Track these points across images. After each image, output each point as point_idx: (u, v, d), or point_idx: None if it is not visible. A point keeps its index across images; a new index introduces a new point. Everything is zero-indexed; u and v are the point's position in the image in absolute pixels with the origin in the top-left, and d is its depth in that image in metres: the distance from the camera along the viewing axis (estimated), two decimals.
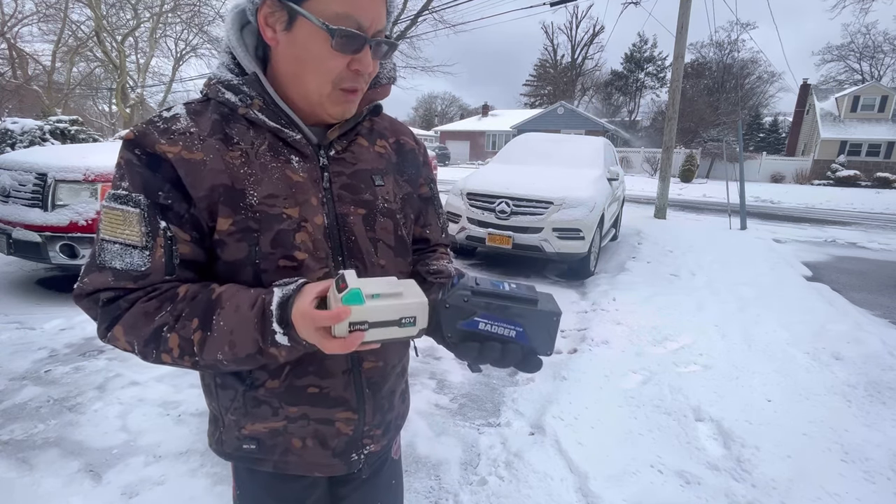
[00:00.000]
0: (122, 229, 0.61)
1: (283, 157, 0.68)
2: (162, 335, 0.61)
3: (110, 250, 0.61)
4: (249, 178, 0.65)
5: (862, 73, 37.67)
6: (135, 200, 0.61)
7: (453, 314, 0.61)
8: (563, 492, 1.82)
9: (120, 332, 0.62)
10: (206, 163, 0.63)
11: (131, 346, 0.63)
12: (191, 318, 0.61)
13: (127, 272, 0.61)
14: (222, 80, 0.68)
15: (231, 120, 0.67)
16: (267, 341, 0.60)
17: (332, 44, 0.63)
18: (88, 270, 0.63)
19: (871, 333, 3.47)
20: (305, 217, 0.67)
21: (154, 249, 0.62)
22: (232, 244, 0.65)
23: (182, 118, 0.65)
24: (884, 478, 1.97)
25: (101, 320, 0.63)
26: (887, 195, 18.41)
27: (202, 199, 0.63)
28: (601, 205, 4.86)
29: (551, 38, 47.42)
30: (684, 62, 9.45)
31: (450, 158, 31.86)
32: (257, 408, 0.73)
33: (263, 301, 0.61)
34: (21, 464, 1.89)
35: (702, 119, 28.22)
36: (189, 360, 0.62)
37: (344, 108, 0.70)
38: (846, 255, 6.99)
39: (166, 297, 0.63)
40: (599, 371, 2.80)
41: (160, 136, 0.63)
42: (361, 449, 0.80)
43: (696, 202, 14.25)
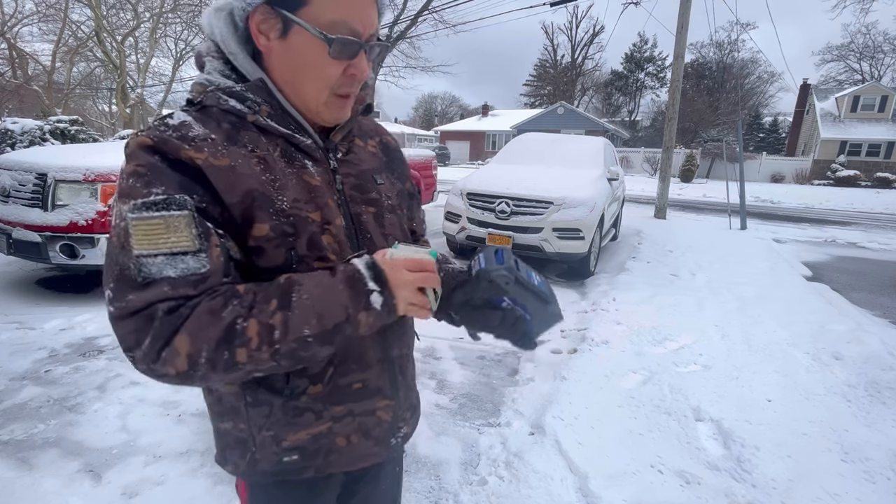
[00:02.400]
0: (166, 238, 0.56)
1: (299, 163, 0.68)
2: (236, 327, 0.57)
3: (153, 263, 0.55)
4: (274, 184, 0.64)
5: (862, 73, 37.67)
6: (179, 202, 0.57)
7: (489, 288, 0.69)
8: (563, 492, 1.82)
9: (184, 342, 0.55)
10: (235, 168, 0.62)
11: (196, 357, 0.56)
12: (267, 302, 0.59)
13: (185, 279, 0.56)
14: (223, 87, 0.66)
15: (240, 128, 0.65)
16: (359, 305, 0.62)
17: (329, 52, 0.63)
18: (123, 291, 0.56)
19: (871, 333, 3.47)
20: (328, 219, 0.68)
21: (210, 250, 0.58)
22: (270, 250, 0.64)
23: (194, 125, 0.62)
24: (884, 478, 1.97)
25: (156, 337, 0.55)
26: (887, 195, 18.42)
27: (236, 206, 0.61)
28: (601, 205, 4.86)
29: (551, 38, 47.42)
30: (684, 62, 9.45)
31: (450, 158, 31.85)
32: (299, 416, 0.71)
33: (346, 269, 0.63)
34: (21, 464, 1.89)
35: (702, 119, 28.26)
36: (268, 349, 0.58)
37: (340, 112, 0.71)
38: (846, 255, 6.99)
39: (230, 294, 0.59)
40: (599, 371, 2.80)
41: (182, 141, 0.60)
42: (398, 433, 0.84)
43: (696, 202, 14.25)
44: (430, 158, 7.74)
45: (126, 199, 0.57)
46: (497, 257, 0.69)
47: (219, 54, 0.68)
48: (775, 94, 41.55)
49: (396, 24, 14.09)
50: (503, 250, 0.70)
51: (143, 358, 0.56)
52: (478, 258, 0.70)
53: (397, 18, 14.11)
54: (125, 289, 0.56)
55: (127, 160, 0.60)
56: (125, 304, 0.56)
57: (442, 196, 7.29)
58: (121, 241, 0.56)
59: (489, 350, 3.18)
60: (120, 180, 0.60)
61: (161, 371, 0.57)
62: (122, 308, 0.56)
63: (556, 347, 3.25)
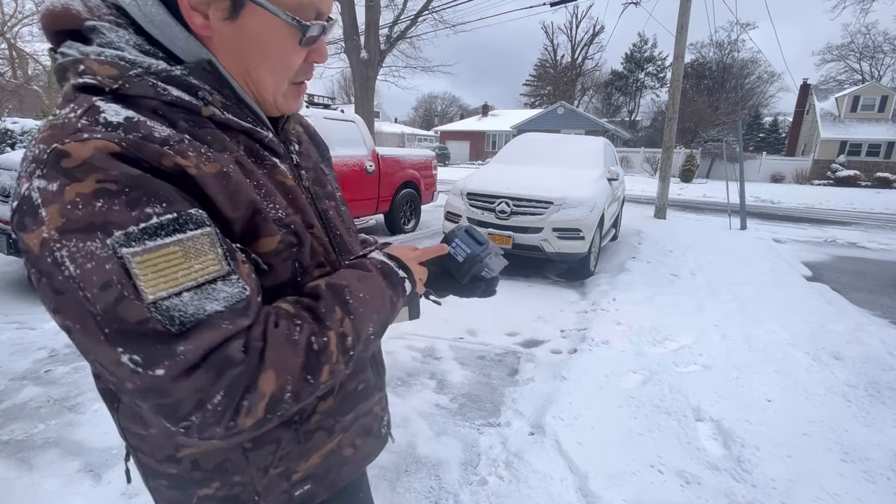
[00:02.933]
0: (186, 267, 0.44)
1: (268, 162, 0.59)
2: (314, 347, 0.51)
3: (183, 304, 0.43)
4: (260, 190, 0.55)
5: (862, 73, 37.68)
6: (196, 219, 0.45)
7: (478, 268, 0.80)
8: (563, 492, 1.82)
9: (269, 381, 0.47)
10: (229, 176, 0.50)
11: (281, 394, 0.48)
12: (332, 311, 0.54)
13: (235, 309, 0.46)
14: (154, 70, 0.49)
15: (197, 125, 0.52)
16: (399, 293, 0.64)
17: (301, 40, 0.55)
18: (158, 349, 0.42)
19: (871, 333, 3.47)
20: (310, 222, 0.62)
21: (239, 269, 0.48)
22: (279, 265, 0.56)
23: (150, 122, 0.47)
24: (884, 478, 1.97)
25: (235, 384, 0.45)
26: (887, 195, 18.42)
27: (238, 221, 0.51)
28: (601, 205, 4.86)
29: (551, 38, 47.49)
30: (684, 62, 9.45)
31: (450, 158, 31.89)
32: (310, 439, 0.64)
33: (373, 261, 0.65)
34: (21, 464, 1.89)
35: (702, 119, 28.27)
36: (343, 358, 0.55)
37: (297, 102, 0.63)
38: (846, 255, 6.99)
39: (287, 314, 0.52)
40: (599, 371, 2.80)
41: (158, 144, 0.46)
42: (383, 421, 0.82)
43: (696, 202, 14.25)
44: (429, 158, 7.74)
45: (101, 231, 0.41)
46: (473, 238, 0.79)
47: (124, 19, 0.51)
48: (775, 94, 41.62)
49: (396, 24, 14.09)
50: (470, 229, 0.81)
51: (216, 418, 0.45)
52: (456, 243, 0.79)
53: (397, 18, 14.10)
54: (158, 345, 0.42)
55: (68, 177, 0.41)
56: (175, 361, 0.42)
57: (442, 196, 7.29)
58: (114, 291, 0.41)
59: (489, 350, 3.18)
60: (63, 207, 0.41)
61: (239, 427, 0.46)
62: (173, 367, 0.42)
63: (556, 347, 3.25)
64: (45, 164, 0.42)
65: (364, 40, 12.37)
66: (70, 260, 0.41)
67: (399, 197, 6.88)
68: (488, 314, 3.68)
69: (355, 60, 12.29)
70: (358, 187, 6.00)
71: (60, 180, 0.41)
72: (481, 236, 0.80)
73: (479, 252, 0.78)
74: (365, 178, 6.10)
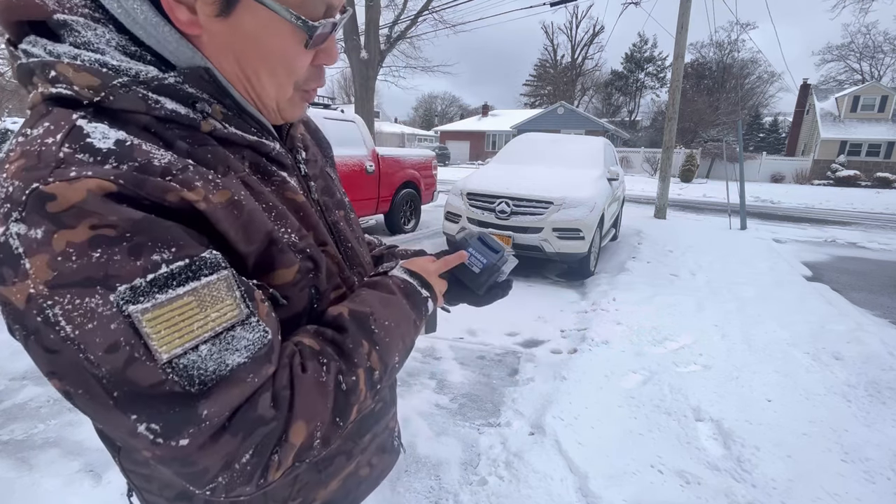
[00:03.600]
0: (203, 318, 0.39)
1: (277, 178, 0.53)
2: (343, 387, 0.48)
3: (201, 360, 0.39)
4: (271, 214, 0.49)
5: (862, 73, 37.70)
6: (210, 263, 0.40)
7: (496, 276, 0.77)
8: (563, 492, 1.82)
9: (300, 431, 0.44)
10: (241, 204, 0.44)
11: (310, 442, 0.45)
12: (359, 345, 0.51)
13: (257, 358, 0.42)
14: (143, 79, 0.42)
15: (197, 143, 0.45)
16: (422, 314, 0.61)
17: (307, 43, 0.47)
18: (178, 414, 0.37)
19: (871, 333, 3.47)
20: (323, 240, 0.57)
21: (259, 309, 0.44)
22: (295, 296, 0.51)
23: (145, 146, 0.40)
24: (884, 478, 1.97)
25: (266, 442, 0.42)
26: (887, 195, 18.41)
27: (252, 254, 0.46)
28: (601, 205, 4.86)
29: (551, 38, 47.51)
30: (684, 62, 9.45)
31: (450, 158, 31.90)
32: (329, 466, 0.61)
33: (395, 281, 0.61)
34: (21, 464, 1.89)
35: (702, 119, 28.27)
36: (371, 394, 0.52)
37: (301, 110, 0.56)
38: (846, 255, 6.99)
39: (311, 353, 0.48)
40: (599, 371, 2.80)
41: (159, 176, 0.39)
42: (394, 434, 0.79)
43: (696, 202, 14.25)
44: (430, 158, 7.74)
45: (102, 286, 0.35)
46: (488, 246, 0.75)
47: (101, 13, 0.43)
48: (775, 94, 41.64)
49: (396, 24, 14.09)
50: (483, 236, 0.77)
51: (246, 478, 0.41)
52: (471, 253, 0.74)
53: (397, 18, 14.11)
54: (179, 410, 0.37)
55: (56, 223, 0.35)
56: (199, 428, 0.38)
57: (442, 196, 7.29)
58: (122, 354, 0.36)
59: (489, 350, 3.18)
60: (52, 258, 0.34)
61: (269, 482, 0.44)
62: (198, 435, 0.38)
63: (556, 347, 3.25)
64: (24, 206, 0.35)
65: (364, 40, 12.37)
66: (66, 320, 0.35)
67: (399, 197, 6.88)
68: (488, 314, 3.67)
69: (355, 60, 12.29)
70: (358, 187, 6.00)
71: (46, 226, 0.34)
72: (495, 242, 0.76)
73: (495, 261, 0.74)
74: (365, 178, 6.11)
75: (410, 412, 2.38)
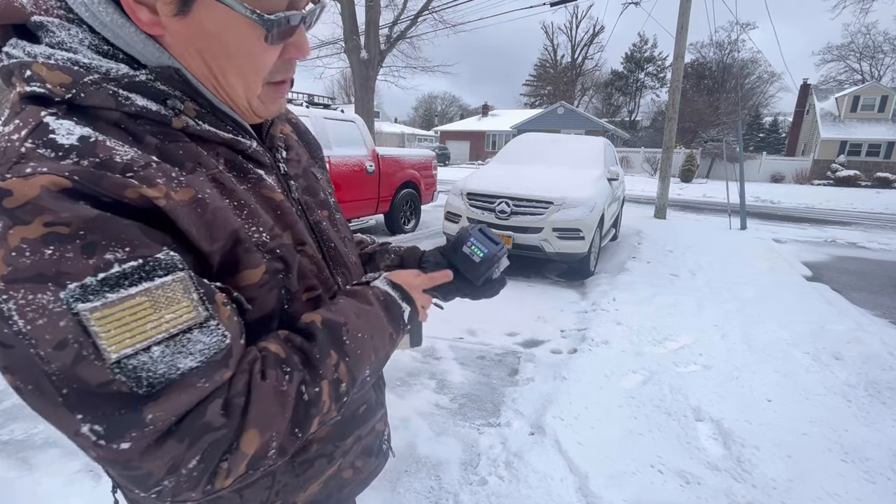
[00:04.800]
0: (156, 318, 0.39)
1: (253, 175, 0.53)
2: (304, 398, 0.47)
3: (153, 361, 0.38)
4: (242, 212, 0.49)
5: (862, 73, 37.71)
6: (165, 264, 0.39)
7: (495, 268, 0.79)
8: (563, 492, 1.82)
9: (253, 440, 0.43)
10: (205, 202, 0.44)
11: (265, 451, 0.44)
12: (327, 355, 0.50)
13: (212, 362, 0.41)
14: (113, 76, 0.42)
15: (168, 139, 0.46)
16: (399, 328, 0.60)
17: (266, 38, 0.47)
18: (123, 416, 0.37)
19: (871, 333, 3.47)
20: (301, 240, 0.56)
21: (219, 312, 0.43)
22: (262, 297, 0.50)
23: (110, 142, 0.41)
24: (884, 478, 1.97)
25: (214, 448, 0.41)
26: (887, 195, 18.41)
27: (216, 253, 0.45)
28: (601, 205, 4.86)
29: (551, 38, 47.51)
30: (684, 62, 9.45)
31: (450, 158, 31.89)
32: (310, 468, 0.61)
33: (375, 292, 0.60)
34: (21, 464, 1.89)
35: (702, 119, 28.28)
36: (336, 406, 0.51)
37: (277, 104, 0.55)
38: (846, 255, 6.99)
39: (275, 361, 0.47)
40: (599, 371, 2.80)
41: (119, 172, 0.39)
42: (383, 437, 0.78)
43: (696, 202, 14.25)
44: (430, 158, 7.74)
45: (53, 283, 0.35)
46: (488, 238, 0.77)
47: (75, 14, 0.44)
48: (775, 94, 41.65)
49: (396, 24, 14.09)
50: (483, 228, 0.79)
51: (192, 483, 0.40)
52: (472, 243, 0.76)
53: (397, 18, 14.11)
54: (123, 412, 0.37)
55: (12, 218, 0.35)
56: (142, 431, 0.37)
57: (442, 196, 7.29)
58: (71, 351, 0.36)
59: (489, 350, 3.18)
60: (7, 253, 0.35)
61: (217, 489, 0.42)
62: (140, 439, 0.38)
63: (556, 347, 3.25)
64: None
65: (364, 40, 12.37)
66: (19, 315, 0.35)
67: (399, 197, 6.88)
68: (488, 314, 3.67)
69: (355, 60, 12.29)
70: (358, 187, 6.00)
71: (3, 221, 0.35)
72: (495, 236, 0.78)
73: (496, 252, 0.76)
74: (365, 178, 6.11)
75: (410, 412, 2.37)
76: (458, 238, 0.77)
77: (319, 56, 15.16)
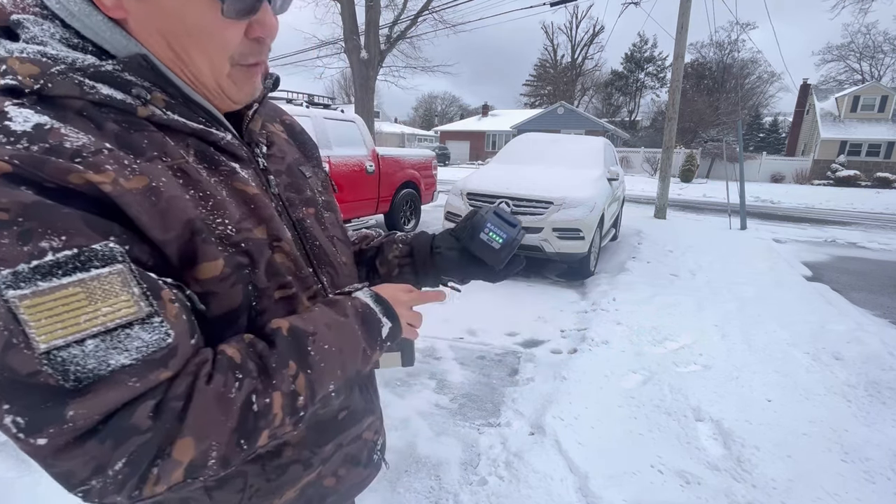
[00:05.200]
0: (92, 311, 0.37)
1: (225, 167, 0.52)
2: (253, 408, 0.45)
3: (85, 354, 0.37)
4: (207, 204, 0.48)
5: (862, 73, 37.71)
6: (102, 255, 0.38)
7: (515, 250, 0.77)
8: (563, 492, 1.82)
9: (187, 447, 0.41)
10: (159, 191, 0.44)
11: (203, 460, 0.42)
12: (284, 365, 0.48)
13: (149, 361, 0.40)
14: (79, 66, 0.43)
15: (132, 128, 0.46)
16: (376, 344, 0.57)
17: (223, 10, 0.46)
18: (46, 410, 0.36)
19: (871, 333, 3.47)
20: (276, 235, 0.55)
21: (165, 309, 0.41)
22: (224, 292, 0.49)
23: (64, 129, 0.41)
24: (884, 478, 1.97)
25: (142, 453, 0.39)
26: (887, 195, 18.41)
27: (171, 243, 0.44)
28: (601, 205, 4.86)
29: (551, 38, 47.53)
30: (684, 62, 9.45)
31: (450, 158, 31.89)
32: (283, 474, 0.59)
33: (355, 303, 0.57)
34: (21, 464, 1.88)
35: (702, 119, 28.28)
36: (291, 420, 0.48)
37: (251, 87, 0.55)
38: (846, 255, 6.99)
39: (227, 366, 0.45)
40: (599, 371, 2.80)
41: (66, 158, 0.39)
42: (376, 447, 0.76)
43: (696, 202, 14.25)
44: (430, 158, 7.74)
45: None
46: (505, 221, 0.75)
47: (49, 11, 0.45)
48: (775, 94, 41.66)
49: (396, 24, 14.09)
50: (498, 210, 0.76)
51: (117, 486, 0.39)
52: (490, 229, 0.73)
53: (397, 18, 14.10)
54: (46, 406, 0.36)
55: None
56: (60, 428, 0.36)
57: (442, 196, 7.29)
58: (1, 338, 0.35)
59: (489, 350, 3.18)
60: None
61: (146, 495, 0.41)
62: (57, 437, 0.36)
63: (556, 347, 3.25)
64: None
65: (364, 40, 12.37)
66: None
67: (399, 197, 6.88)
68: (488, 314, 3.68)
69: (355, 60, 12.29)
70: (358, 187, 6.00)
71: None
72: (510, 216, 0.75)
73: (514, 235, 0.74)
74: (365, 178, 6.10)
75: (410, 412, 2.38)
76: (475, 224, 0.74)
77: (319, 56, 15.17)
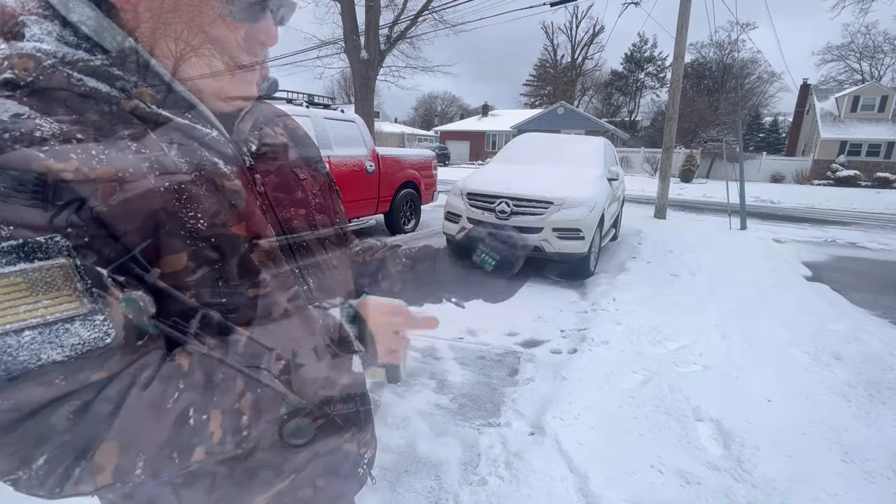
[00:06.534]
0: (32, 302, 0.37)
1: (207, 163, 0.52)
2: (189, 422, 0.43)
3: (19, 346, 0.37)
4: (180, 196, 0.48)
5: (862, 73, 37.70)
6: (46, 248, 0.38)
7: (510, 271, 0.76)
8: (563, 492, 1.82)
9: (110, 454, 0.40)
10: (125, 181, 0.44)
11: (130, 468, 0.41)
12: (231, 379, 0.46)
13: (82, 359, 0.39)
14: (70, 60, 0.45)
15: (114, 119, 0.46)
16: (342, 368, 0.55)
17: (231, 14, 0.48)
18: None
19: (871, 333, 3.47)
20: (257, 232, 0.54)
21: (111, 307, 0.41)
22: (191, 286, 0.48)
23: (37, 118, 0.42)
24: (884, 478, 1.97)
25: (62, 454, 0.39)
26: (887, 195, 18.41)
27: (134, 234, 0.44)
28: (601, 205, 4.86)
29: (551, 38, 47.50)
30: (684, 62, 9.45)
31: (450, 158, 31.88)
32: (253, 479, 0.57)
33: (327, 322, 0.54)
34: None
35: (702, 119, 28.26)
36: (232, 439, 0.47)
37: (246, 90, 0.56)
38: (846, 255, 6.99)
39: (170, 373, 0.44)
40: (599, 371, 2.80)
41: (29, 145, 0.40)
42: (362, 460, 0.73)
43: (696, 202, 14.25)
44: (430, 158, 7.74)
45: None
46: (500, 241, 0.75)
47: (50, 12, 0.47)
48: (775, 94, 41.58)
49: (396, 24, 14.09)
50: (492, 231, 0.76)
51: (39, 483, 0.39)
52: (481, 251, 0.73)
53: (397, 18, 14.10)
54: None
55: None
56: None
57: (442, 196, 7.29)
58: None
59: (489, 350, 3.18)
60: None
61: (66, 494, 0.40)
62: None
63: (556, 347, 3.25)
64: None
65: (364, 40, 12.38)
66: None
67: (399, 197, 6.88)
68: (488, 314, 3.68)
69: (355, 60, 12.29)
70: (358, 187, 6.00)
71: None
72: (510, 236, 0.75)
73: (509, 256, 0.74)
74: (365, 178, 6.10)
75: (410, 412, 2.38)
76: (468, 245, 0.74)
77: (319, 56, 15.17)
